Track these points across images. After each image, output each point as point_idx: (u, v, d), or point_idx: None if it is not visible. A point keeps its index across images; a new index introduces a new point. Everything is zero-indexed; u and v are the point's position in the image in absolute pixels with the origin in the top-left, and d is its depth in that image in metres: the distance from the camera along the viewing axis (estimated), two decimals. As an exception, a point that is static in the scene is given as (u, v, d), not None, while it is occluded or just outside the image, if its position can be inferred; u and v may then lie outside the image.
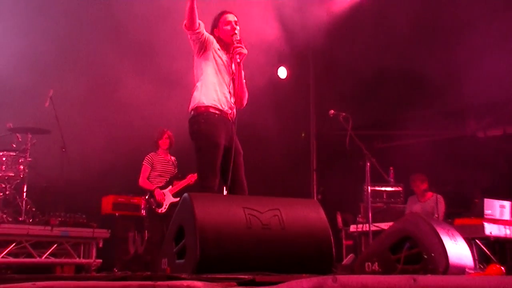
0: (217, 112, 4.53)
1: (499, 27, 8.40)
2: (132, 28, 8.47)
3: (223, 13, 4.75)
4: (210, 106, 4.52)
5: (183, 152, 7.12)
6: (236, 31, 4.67)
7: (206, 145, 4.47)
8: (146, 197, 7.45)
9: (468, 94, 9.13)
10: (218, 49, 4.67)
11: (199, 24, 4.48)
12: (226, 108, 4.59)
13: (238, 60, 4.61)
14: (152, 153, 7.61)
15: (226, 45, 4.72)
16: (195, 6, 4.37)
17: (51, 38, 8.39)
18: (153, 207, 7.31)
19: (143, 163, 7.52)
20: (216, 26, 4.75)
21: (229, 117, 4.62)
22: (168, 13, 7.56)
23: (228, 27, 4.69)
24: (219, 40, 4.73)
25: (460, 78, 8.82)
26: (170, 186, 7.46)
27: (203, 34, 4.54)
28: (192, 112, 4.59)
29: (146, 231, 8.24)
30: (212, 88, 4.56)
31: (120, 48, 8.75)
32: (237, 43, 4.62)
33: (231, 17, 4.73)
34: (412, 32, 9.27)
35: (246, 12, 6.08)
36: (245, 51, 4.62)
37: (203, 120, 4.51)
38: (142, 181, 7.48)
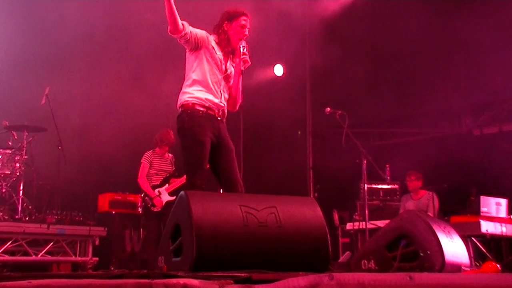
0: (202, 109, 4.49)
1: (496, 26, 8.42)
2: (129, 27, 8.47)
3: (243, 14, 4.65)
4: (196, 104, 4.49)
5: (179, 150, 7.13)
6: (245, 39, 4.62)
7: (191, 143, 4.46)
8: (142, 195, 7.44)
9: (464, 92, 9.15)
10: (213, 48, 4.58)
11: (183, 25, 4.38)
12: (213, 106, 4.56)
13: (242, 69, 4.61)
14: (150, 151, 7.60)
15: (227, 42, 4.65)
16: (174, 7, 4.26)
17: (47, 37, 8.38)
18: (149, 205, 7.31)
19: (142, 161, 7.50)
20: (230, 20, 4.63)
21: (217, 115, 4.59)
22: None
23: (241, 30, 4.62)
24: (223, 33, 4.63)
25: (458, 76, 8.83)
26: (167, 185, 7.45)
27: (190, 34, 4.45)
28: (179, 109, 4.59)
29: (142, 229, 8.23)
30: (200, 86, 4.53)
31: (117, 48, 8.75)
32: (244, 52, 4.58)
33: (246, 22, 4.65)
34: (410, 31, 9.29)
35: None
36: (249, 61, 4.60)
37: (187, 118, 4.48)
38: (141, 180, 7.44)
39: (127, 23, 8.50)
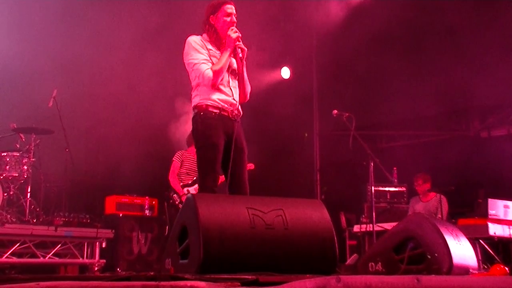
0: (215, 111, 4.48)
1: (503, 28, 8.40)
2: (135, 28, 8.48)
3: (225, 2, 4.56)
4: (209, 105, 4.47)
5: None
6: (234, 25, 4.54)
7: (204, 145, 4.45)
8: (171, 193, 7.42)
9: (472, 94, 9.12)
10: (210, 50, 4.54)
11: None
12: (226, 106, 4.55)
13: (241, 56, 4.58)
14: (182, 151, 7.60)
15: (219, 37, 4.59)
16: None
17: (54, 39, 8.41)
18: (177, 203, 7.30)
19: (173, 158, 7.49)
20: (214, 13, 4.56)
21: (230, 115, 4.57)
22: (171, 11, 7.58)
23: (228, 19, 4.54)
24: (211, 29, 4.57)
25: (465, 78, 8.81)
26: (196, 185, 7.44)
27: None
28: (193, 111, 4.59)
29: (167, 227, 8.14)
30: (210, 88, 4.53)
31: (124, 48, 8.77)
32: (238, 39, 4.55)
33: (231, 9, 4.57)
34: (415, 32, 9.27)
35: (250, 12, 6.09)
36: (245, 48, 4.57)
37: (200, 120, 4.47)
38: (172, 177, 7.41)
39: (133, 24, 8.52)
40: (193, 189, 7.39)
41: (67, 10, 8.52)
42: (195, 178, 7.46)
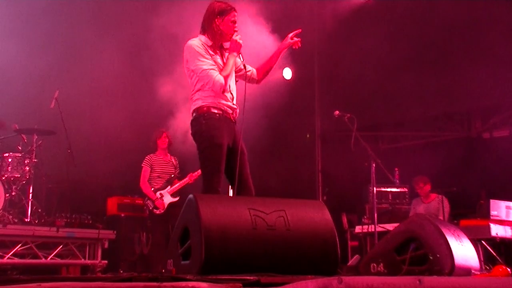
0: (218, 112, 4.50)
1: (506, 29, 8.39)
2: (138, 30, 8.49)
3: (234, 9, 4.59)
4: (211, 107, 4.49)
5: (185, 153, 7.15)
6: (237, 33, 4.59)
7: (209, 146, 4.44)
8: (145, 199, 7.50)
9: (474, 95, 9.12)
10: (213, 55, 4.55)
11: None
12: (227, 108, 4.57)
13: (243, 67, 4.68)
14: (150, 155, 7.66)
15: (221, 39, 4.62)
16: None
17: (55, 40, 8.42)
18: (151, 209, 7.36)
19: (142, 165, 7.59)
20: (222, 16, 4.55)
21: (231, 117, 4.60)
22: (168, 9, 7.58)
23: (233, 25, 4.58)
24: (217, 30, 4.56)
25: (466, 79, 8.81)
26: (169, 187, 7.48)
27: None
28: (194, 114, 4.56)
29: (150, 232, 8.25)
30: (211, 92, 4.51)
31: (126, 49, 8.78)
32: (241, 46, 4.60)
33: (236, 18, 4.61)
34: (417, 32, 9.26)
35: (250, 12, 6.09)
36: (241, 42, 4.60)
37: (204, 121, 4.47)
38: (143, 184, 7.51)
39: (135, 26, 8.53)
40: (166, 192, 7.42)
41: (68, 11, 8.53)
42: (165, 180, 7.50)
